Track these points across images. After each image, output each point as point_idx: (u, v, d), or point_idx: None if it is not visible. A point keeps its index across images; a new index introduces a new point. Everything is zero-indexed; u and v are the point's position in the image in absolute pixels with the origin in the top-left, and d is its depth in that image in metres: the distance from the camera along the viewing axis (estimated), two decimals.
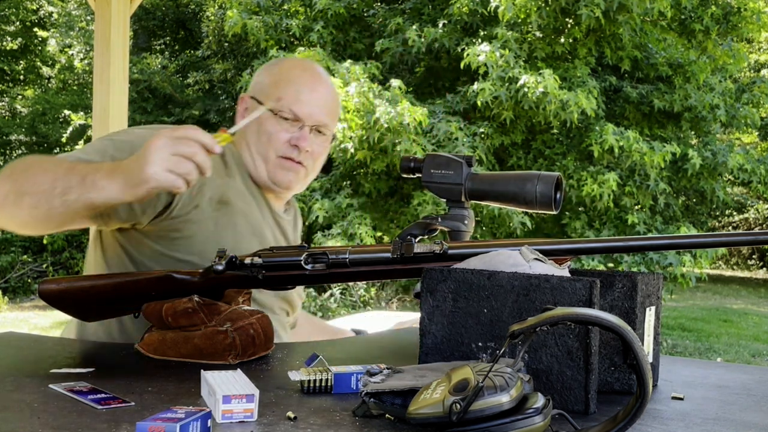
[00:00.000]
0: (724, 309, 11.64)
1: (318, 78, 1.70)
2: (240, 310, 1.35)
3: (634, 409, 0.87)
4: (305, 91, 1.65)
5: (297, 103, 1.63)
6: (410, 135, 6.89)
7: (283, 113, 1.63)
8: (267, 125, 1.63)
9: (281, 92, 1.64)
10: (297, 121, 1.63)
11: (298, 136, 1.63)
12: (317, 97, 1.66)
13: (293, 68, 1.71)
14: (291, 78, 1.67)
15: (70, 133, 13.46)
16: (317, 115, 1.65)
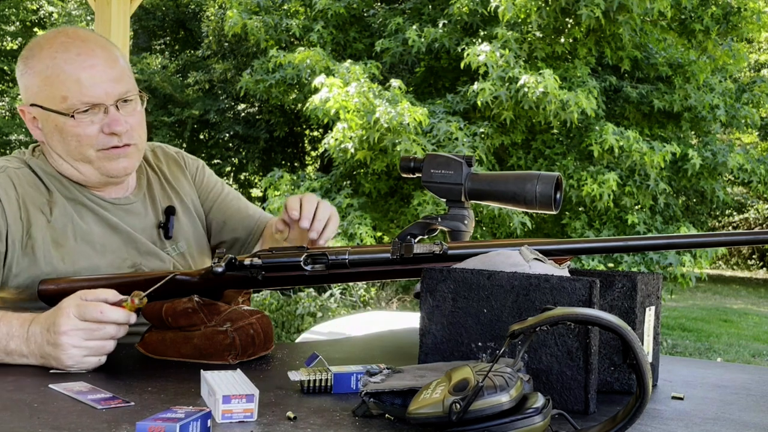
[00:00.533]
0: (724, 309, 11.64)
1: (87, 49, 1.48)
2: (240, 310, 1.35)
3: (634, 408, 0.87)
4: (84, 74, 1.45)
5: (85, 91, 1.45)
6: (410, 135, 6.89)
7: (78, 110, 1.45)
8: (69, 129, 1.47)
9: (62, 89, 1.45)
10: (97, 107, 1.46)
11: (108, 121, 1.47)
12: (100, 71, 1.47)
13: (55, 54, 1.47)
14: (61, 68, 1.45)
15: None
16: (113, 90, 1.47)
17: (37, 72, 1.48)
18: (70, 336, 1.23)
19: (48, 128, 1.50)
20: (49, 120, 1.49)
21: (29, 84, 1.51)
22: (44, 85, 1.47)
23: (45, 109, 1.48)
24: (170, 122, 12.85)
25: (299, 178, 8.40)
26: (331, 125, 7.36)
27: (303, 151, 13.78)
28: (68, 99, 1.45)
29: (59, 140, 1.49)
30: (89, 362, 1.24)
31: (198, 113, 12.78)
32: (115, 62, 1.50)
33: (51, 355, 1.24)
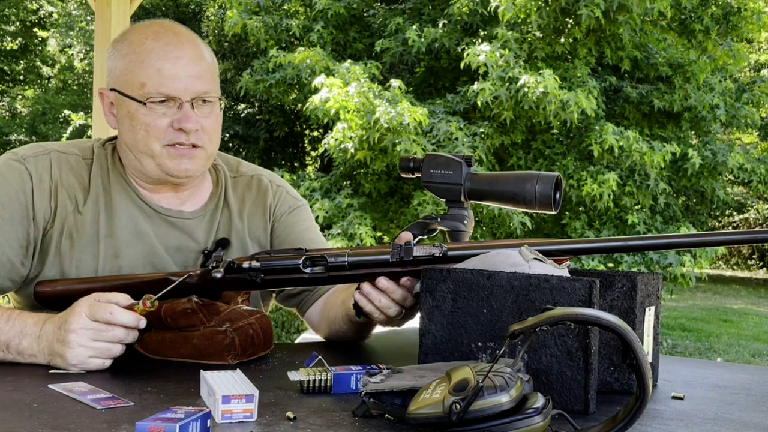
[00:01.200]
0: (724, 309, 11.64)
1: (177, 42, 1.46)
2: (239, 310, 1.35)
3: (634, 408, 0.87)
4: (167, 65, 1.43)
5: (165, 82, 1.42)
6: (410, 135, 6.88)
7: (153, 100, 1.42)
8: (140, 117, 1.43)
9: (142, 75, 1.42)
10: (172, 101, 1.43)
11: (180, 117, 1.43)
12: (184, 66, 1.44)
13: (144, 40, 1.45)
14: (147, 55, 1.43)
15: (70, 133, 13.46)
16: (192, 86, 1.44)
17: (123, 55, 1.46)
18: (79, 334, 1.23)
19: (121, 114, 1.47)
20: (123, 106, 1.46)
21: (113, 67, 1.48)
22: (127, 69, 1.45)
23: (122, 94, 1.45)
24: None
25: (299, 178, 8.40)
26: (331, 125, 7.36)
27: (303, 151, 13.78)
28: (145, 86, 1.42)
29: (129, 128, 1.46)
30: (93, 364, 1.24)
31: None
32: (201, 60, 1.47)
33: (58, 352, 1.24)
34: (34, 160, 1.46)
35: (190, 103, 1.43)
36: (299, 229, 1.66)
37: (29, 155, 1.47)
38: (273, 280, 1.37)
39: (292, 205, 1.69)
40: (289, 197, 1.69)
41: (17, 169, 1.45)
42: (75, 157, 1.50)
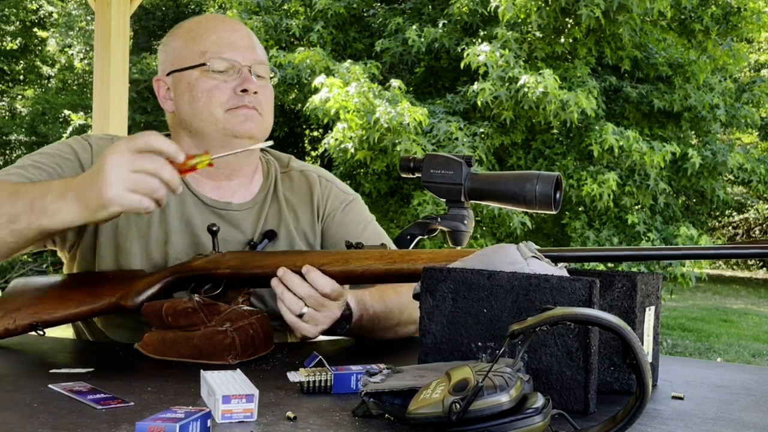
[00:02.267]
0: (724, 309, 11.64)
1: (232, 21, 1.57)
2: (239, 310, 1.35)
3: (634, 408, 0.87)
4: (225, 34, 1.49)
5: (224, 48, 1.47)
6: (410, 135, 6.88)
7: (214, 64, 1.46)
8: (201, 84, 1.46)
9: (201, 46, 1.47)
10: (232, 67, 1.47)
11: (241, 80, 1.47)
12: (241, 36, 1.51)
13: (201, 20, 1.55)
14: (205, 28, 1.50)
15: (70, 133, 13.46)
16: (250, 54, 1.49)
17: (181, 35, 1.52)
18: (115, 162, 1.15)
19: (180, 90, 1.49)
20: (182, 81, 1.48)
21: (170, 50, 1.52)
22: (186, 44, 1.49)
23: (180, 70, 1.48)
24: None
25: None
26: (331, 125, 7.36)
27: (303, 151, 13.78)
28: (207, 53, 1.46)
29: (189, 100, 1.47)
30: (131, 199, 1.16)
31: None
32: (254, 38, 1.54)
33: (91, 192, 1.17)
34: (97, 140, 1.52)
35: (248, 69, 1.47)
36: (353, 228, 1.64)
37: (94, 138, 1.53)
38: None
39: (343, 201, 1.67)
40: (339, 192, 1.67)
41: (81, 142, 1.50)
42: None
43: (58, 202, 1.21)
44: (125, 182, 1.16)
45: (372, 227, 1.66)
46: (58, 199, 1.21)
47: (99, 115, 4.50)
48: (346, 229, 1.63)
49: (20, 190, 1.26)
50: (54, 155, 1.46)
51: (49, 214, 1.21)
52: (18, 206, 1.23)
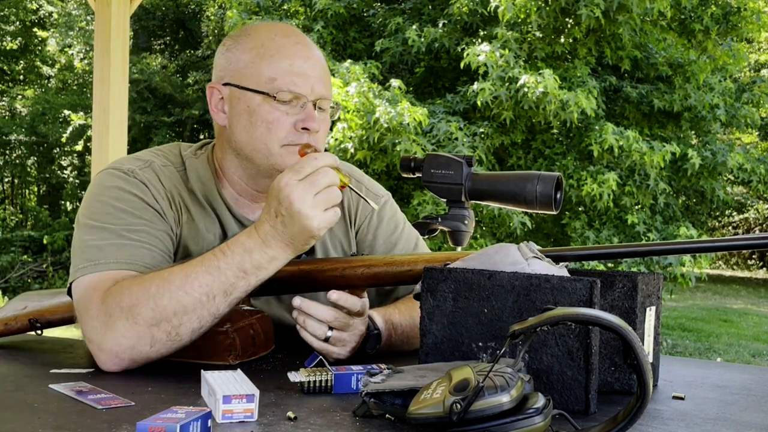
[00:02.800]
0: (724, 309, 11.64)
1: (306, 43, 1.45)
2: (240, 310, 1.35)
3: (635, 409, 0.87)
4: (299, 62, 1.40)
5: (295, 79, 1.39)
6: (410, 135, 6.88)
7: (281, 96, 1.38)
8: (262, 112, 1.38)
9: (271, 70, 1.38)
10: (298, 99, 1.39)
11: (304, 116, 1.39)
12: (313, 66, 1.42)
13: (274, 36, 1.42)
14: (278, 50, 1.40)
15: (70, 133, 13.47)
16: (318, 88, 1.41)
17: (250, 48, 1.41)
18: (302, 200, 1.18)
19: (237, 110, 1.41)
20: (242, 100, 1.40)
21: (233, 60, 1.42)
22: (254, 62, 1.40)
23: (242, 88, 1.40)
24: (170, 122, 12.86)
25: None
26: (331, 125, 7.35)
27: None
28: (276, 81, 1.38)
29: (246, 125, 1.40)
30: (330, 217, 1.21)
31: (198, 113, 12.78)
32: (324, 65, 1.46)
33: (297, 232, 1.21)
34: (141, 172, 1.41)
35: (313, 104, 1.40)
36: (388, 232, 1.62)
37: (134, 168, 1.42)
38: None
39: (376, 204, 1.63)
40: (369, 195, 1.62)
41: (131, 182, 1.39)
42: (170, 168, 1.46)
43: (267, 254, 1.24)
44: (319, 206, 1.20)
45: (406, 228, 1.65)
46: (267, 251, 1.24)
47: (99, 115, 4.50)
48: (381, 236, 1.61)
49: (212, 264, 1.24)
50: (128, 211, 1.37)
51: (265, 266, 1.25)
52: (228, 277, 1.24)
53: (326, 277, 1.36)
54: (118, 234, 1.33)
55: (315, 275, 1.36)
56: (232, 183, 1.48)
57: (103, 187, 1.39)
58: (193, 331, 1.25)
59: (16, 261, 10.90)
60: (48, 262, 10.97)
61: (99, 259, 1.30)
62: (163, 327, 1.22)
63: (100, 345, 1.23)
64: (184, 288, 1.22)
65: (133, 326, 1.22)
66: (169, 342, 1.24)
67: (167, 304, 1.22)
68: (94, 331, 1.24)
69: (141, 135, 13.03)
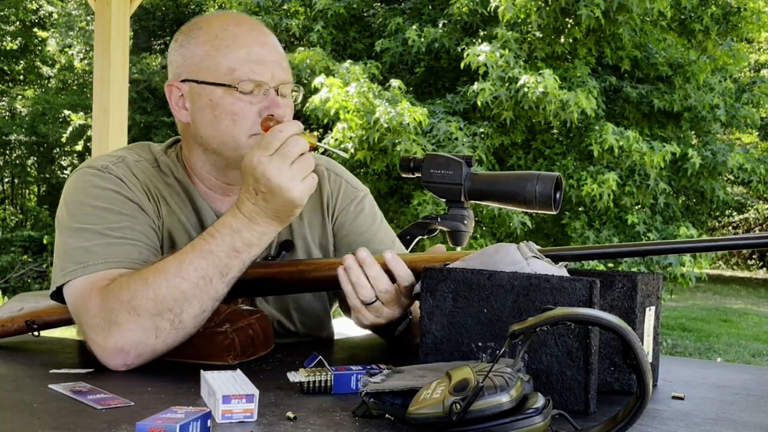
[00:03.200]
0: (724, 309, 11.65)
1: (260, 29, 1.43)
2: (239, 310, 1.35)
3: (635, 409, 0.87)
4: (256, 49, 1.38)
5: (254, 67, 1.36)
6: (410, 135, 6.89)
7: (242, 86, 1.35)
8: (225, 105, 1.36)
9: (229, 61, 1.36)
10: (260, 87, 1.37)
11: (267, 104, 1.37)
12: (270, 51, 1.40)
13: (227, 26, 1.40)
14: (234, 39, 1.38)
15: (70, 133, 13.47)
16: (278, 73, 1.39)
17: (203, 42, 1.39)
18: (279, 174, 1.19)
19: (199, 105, 1.39)
20: (203, 95, 1.38)
21: (189, 55, 1.40)
22: (210, 54, 1.37)
23: (201, 82, 1.38)
24: (170, 122, 12.85)
25: None
26: (331, 125, 7.36)
27: None
28: (235, 71, 1.36)
29: (210, 119, 1.38)
30: (310, 184, 1.22)
31: None
32: (281, 49, 1.44)
33: (280, 206, 1.22)
34: (116, 168, 1.40)
35: (275, 90, 1.39)
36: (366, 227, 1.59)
37: (107, 164, 1.40)
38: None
39: (355, 197, 1.61)
40: (349, 188, 1.61)
41: (107, 178, 1.37)
42: (143, 163, 1.45)
43: (255, 230, 1.25)
44: (296, 176, 1.20)
45: (384, 225, 1.63)
46: (253, 226, 1.24)
47: (99, 115, 4.50)
48: (359, 228, 1.58)
49: (203, 248, 1.24)
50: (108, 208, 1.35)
51: (257, 243, 1.26)
52: (221, 258, 1.24)
53: (324, 276, 1.35)
54: (101, 234, 1.32)
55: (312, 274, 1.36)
56: (201, 178, 1.47)
57: (78, 187, 1.38)
58: (196, 317, 1.25)
59: (16, 261, 10.91)
60: (48, 262, 10.97)
61: (88, 261, 1.30)
62: (165, 316, 1.23)
63: (104, 343, 1.23)
64: (180, 275, 1.23)
65: (135, 319, 1.22)
66: (174, 331, 1.24)
67: (166, 293, 1.22)
68: (96, 329, 1.24)
69: (141, 135, 13.03)
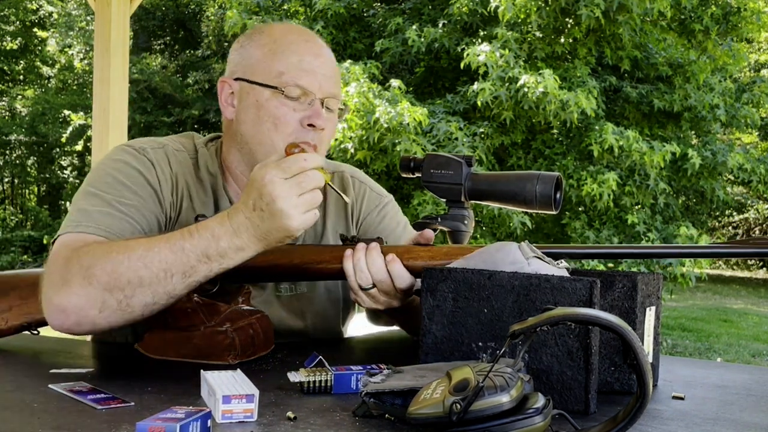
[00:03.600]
0: (724, 309, 11.65)
1: (317, 42, 1.46)
2: (240, 309, 1.35)
3: (635, 409, 0.87)
4: (308, 58, 1.41)
5: (303, 74, 1.39)
6: (410, 135, 6.89)
7: (289, 91, 1.39)
8: (270, 107, 1.39)
9: (281, 65, 1.40)
10: (306, 96, 1.40)
11: (310, 113, 1.39)
12: (323, 63, 1.43)
13: (287, 34, 1.45)
14: (288, 46, 1.42)
15: (70, 133, 13.47)
16: (327, 86, 1.42)
17: (262, 45, 1.43)
18: (286, 199, 1.17)
19: (245, 104, 1.42)
20: (250, 95, 1.41)
21: (246, 56, 1.44)
22: (264, 57, 1.42)
23: (252, 82, 1.41)
24: (170, 122, 12.86)
25: None
26: None
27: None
28: (284, 75, 1.39)
29: (253, 118, 1.41)
30: (309, 219, 1.20)
31: (198, 113, 12.78)
32: (335, 65, 1.47)
33: (273, 230, 1.19)
34: (153, 152, 1.43)
35: (321, 102, 1.41)
36: (391, 231, 1.61)
37: (146, 147, 1.43)
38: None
39: (379, 203, 1.64)
40: (373, 195, 1.64)
41: (139, 159, 1.41)
42: (183, 154, 1.47)
43: (235, 244, 1.21)
44: (300, 207, 1.18)
45: (408, 229, 1.64)
46: (236, 241, 1.21)
47: (99, 115, 4.50)
48: (383, 232, 1.61)
49: (172, 241, 1.23)
50: (126, 185, 1.38)
51: (231, 256, 1.22)
52: (190, 259, 1.21)
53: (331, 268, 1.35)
54: (108, 203, 1.35)
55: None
56: (235, 177, 1.50)
57: (110, 159, 1.42)
58: (146, 306, 1.23)
59: (16, 261, 10.91)
60: None
61: (82, 222, 1.32)
62: (115, 295, 1.21)
63: (51, 299, 1.24)
64: (143, 260, 1.21)
65: (86, 287, 1.21)
66: (120, 311, 1.22)
67: (123, 272, 1.21)
68: (50, 284, 1.25)
69: (141, 135, 13.03)
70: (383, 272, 1.30)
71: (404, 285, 1.30)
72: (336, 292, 1.59)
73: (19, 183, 16.93)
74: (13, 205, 16.91)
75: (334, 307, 1.60)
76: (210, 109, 12.71)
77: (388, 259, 1.30)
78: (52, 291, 1.24)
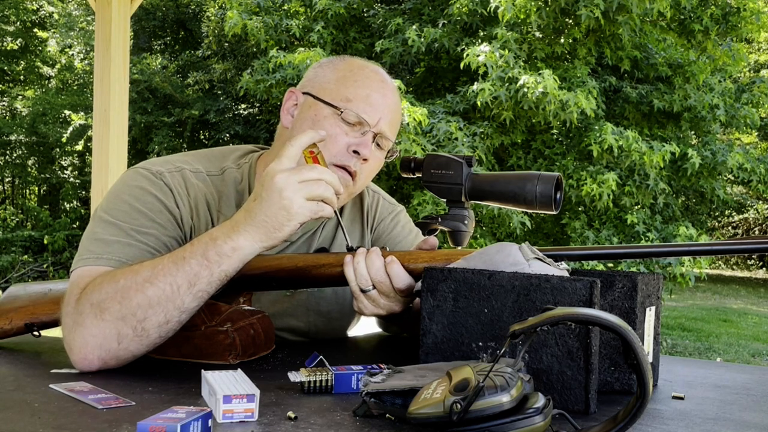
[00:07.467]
0: (724, 309, 11.65)
1: (388, 84, 1.51)
2: (240, 309, 1.35)
3: (635, 408, 0.87)
4: (376, 95, 1.46)
5: (366, 107, 1.44)
6: (410, 135, 6.89)
7: (347, 115, 1.43)
8: (325, 124, 1.43)
9: (349, 92, 1.45)
10: (361, 125, 1.44)
11: (359, 141, 1.43)
12: (387, 104, 1.47)
13: (363, 68, 1.51)
14: (362, 79, 1.48)
15: (71, 133, 13.47)
16: (383, 124, 1.46)
17: (338, 69, 1.50)
18: (284, 180, 1.18)
19: (304, 116, 1.46)
20: (312, 109, 1.45)
21: (321, 74, 1.50)
22: (337, 81, 1.47)
23: (317, 98, 1.46)
24: (170, 122, 12.86)
25: None
26: None
27: None
28: (349, 102, 1.43)
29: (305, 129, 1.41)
30: (311, 207, 1.20)
31: (198, 113, 12.78)
32: (398, 110, 1.53)
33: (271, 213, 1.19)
34: (170, 176, 1.42)
35: (372, 135, 1.44)
36: (404, 238, 1.65)
37: (163, 171, 1.43)
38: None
39: (392, 211, 1.69)
40: (386, 203, 1.69)
41: (157, 184, 1.40)
42: (201, 175, 1.47)
43: (231, 240, 1.21)
44: (300, 190, 1.19)
45: (420, 237, 1.66)
46: (231, 236, 1.21)
47: (99, 115, 4.50)
48: (395, 239, 1.64)
49: (179, 256, 1.22)
50: (143, 212, 1.37)
51: (228, 256, 1.21)
52: (192, 265, 1.21)
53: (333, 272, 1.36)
54: (126, 233, 1.33)
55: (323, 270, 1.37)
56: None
57: (126, 184, 1.41)
58: (160, 327, 1.22)
59: (16, 261, 10.91)
60: (48, 262, 10.97)
61: (102, 254, 1.31)
62: (129, 322, 1.20)
63: (70, 344, 1.23)
64: (150, 279, 1.21)
65: (100, 323, 1.21)
66: (137, 338, 1.21)
67: (132, 296, 1.20)
68: (66, 329, 1.25)
69: (141, 135, 13.03)
70: (382, 273, 1.30)
71: (402, 285, 1.30)
72: (343, 295, 1.60)
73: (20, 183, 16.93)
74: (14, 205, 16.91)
75: (340, 309, 1.61)
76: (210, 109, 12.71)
77: (387, 260, 1.31)
78: (69, 336, 1.24)
